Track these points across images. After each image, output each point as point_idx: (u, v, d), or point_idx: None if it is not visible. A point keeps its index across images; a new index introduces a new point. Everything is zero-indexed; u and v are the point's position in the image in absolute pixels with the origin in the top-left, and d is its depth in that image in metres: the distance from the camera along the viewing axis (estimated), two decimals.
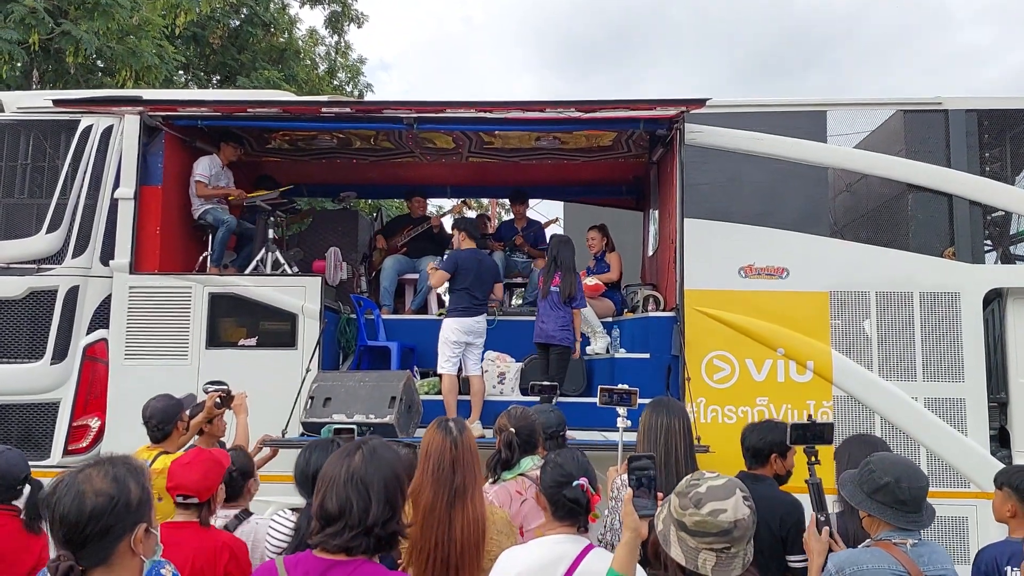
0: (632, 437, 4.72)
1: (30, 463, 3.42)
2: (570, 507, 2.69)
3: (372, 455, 2.14)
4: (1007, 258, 6.53)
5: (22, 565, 3.15)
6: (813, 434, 3.25)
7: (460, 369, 6.34)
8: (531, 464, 3.67)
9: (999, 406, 6.03)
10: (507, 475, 3.70)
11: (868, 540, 2.68)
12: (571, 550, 2.59)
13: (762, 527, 2.91)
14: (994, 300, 6.15)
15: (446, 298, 7.92)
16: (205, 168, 6.91)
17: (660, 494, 2.36)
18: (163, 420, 4.09)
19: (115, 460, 1.90)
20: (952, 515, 5.61)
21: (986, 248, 6.33)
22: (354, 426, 3.18)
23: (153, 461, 3.80)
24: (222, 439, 4.66)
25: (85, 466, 1.85)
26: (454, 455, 2.97)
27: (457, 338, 6.25)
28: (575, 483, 2.68)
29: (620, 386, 4.45)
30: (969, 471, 5.68)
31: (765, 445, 3.61)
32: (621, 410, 4.39)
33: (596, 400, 4.48)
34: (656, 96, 6.28)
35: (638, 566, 2.42)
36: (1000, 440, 6.00)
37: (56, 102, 6.59)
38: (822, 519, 2.91)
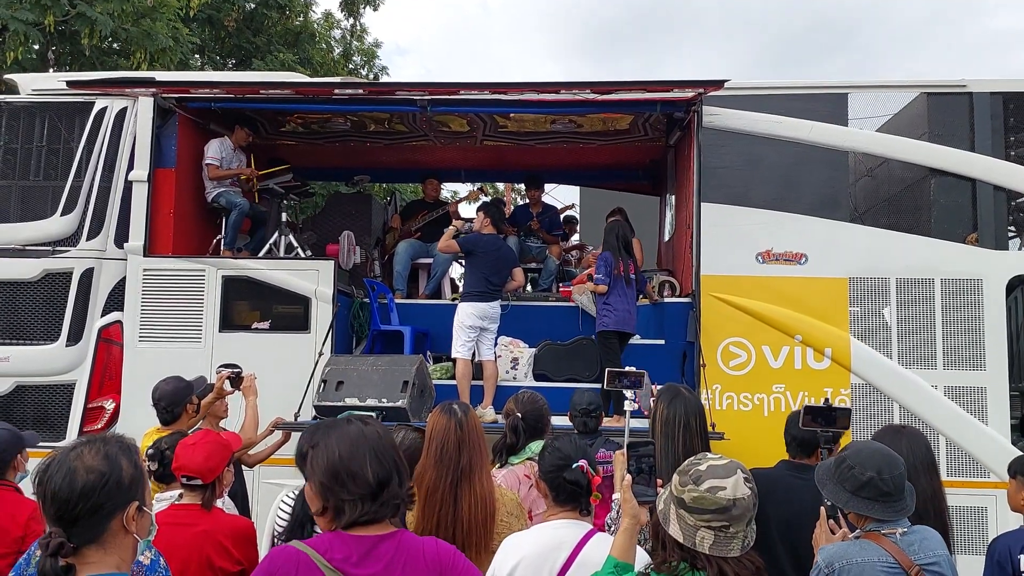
0: (639, 423, 4.68)
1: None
2: (571, 490, 2.67)
3: (371, 425, 2.12)
4: None
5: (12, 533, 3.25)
6: (826, 418, 3.19)
7: (474, 354, 6.30)
8: (540, 448, 3.64)
9: (1021, 395, 5.93)
10: (514, 460, 3.69)
11: (857, 531, 2.62)
12: (573, 535, 2.58)
13: (807, 519, 2.87)
14: (1017, 287, 6.03)
15: (460, 283, 7.88)
16: (216, 151, 6.87)
17: (660, 480, 2.37)
18: (172, 403, 4.09)
19: (108, 438, 1.87)
20: (972, 505, 5.53)
21: (1010, 234, 6.22)
22: (373, 412, 3.16)
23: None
24: (222, 423, 4.64)
25: (77, 444, 1.84)
26: (459, 436, 3.00)
27: (472, 323, 6.21)
28: (574, 465, 2.66)
29: (628, 368, 4.40)
30: (989, 461, 5.58)
31: (814, 437, 3.50)
32: (629, 393, 4.34)
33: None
34: (674, 78, 6.17)
35: (640, 550, 2.41)
36: (1021, 430, 5.91)
37: (70, 84, 6.60)
38: (828, 504, 2.85)
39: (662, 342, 6.39)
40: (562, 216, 9.04)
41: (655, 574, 2.13)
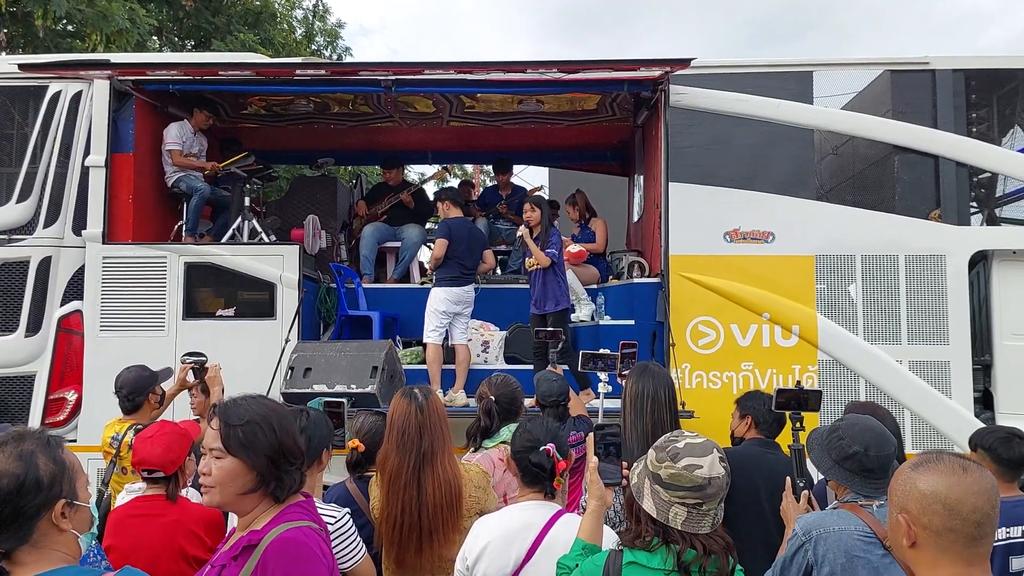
0: (612, 404, 4.69)
1: None
2: (535, 472, 2.69)
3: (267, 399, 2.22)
4: (993, 220, 6.51)
5: None
6: (798, 401, 3.23)
7: (446, 338, 6.25)
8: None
9: (983, 368, 6.04)
10: (488, 443, 3.67)
11: (835, 502, 2.67)
12: (540, 517, 2.61)
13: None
14: (979, 262, 6.13)
15: (428, 267, 7.82)
16: (176, 135, 6.71)
17: (624, 464, 2.41)
18: (134, 391, 3.98)
19: (26, 435, 1.80)
20: None
21: (972, 210, 6.30)
22: (343, 399, 3.14)
23: (124, 434, 3.72)
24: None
25: None
26: (420, 420, 3.01)
27: (446, 308, 6.16)
28: (541, 448, 2.69)
29: (602, 351, 4.41)
30: (953, 433, 5.68)
31: (782, 418, 3.51)
32: (602, 375, 4.35)
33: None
34: (641, 56, 6.14)
35: (608, 529, 2.46)
36: (984, 403, 6.02)
37: (23, 67, 6.38)
38: (800, 484, 2.89)
39: (631, 322, 6.40)
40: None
41: (628, 552, 2.13)
